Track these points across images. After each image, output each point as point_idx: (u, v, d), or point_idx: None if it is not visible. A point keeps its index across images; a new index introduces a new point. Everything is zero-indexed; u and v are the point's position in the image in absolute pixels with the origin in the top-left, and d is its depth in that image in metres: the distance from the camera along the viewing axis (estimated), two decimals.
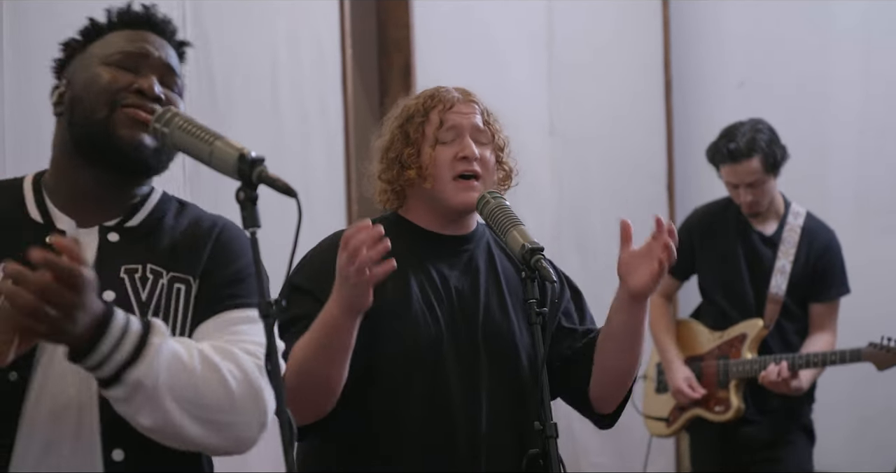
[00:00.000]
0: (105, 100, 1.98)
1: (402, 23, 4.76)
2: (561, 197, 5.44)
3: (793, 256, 4.48)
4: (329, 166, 4.34)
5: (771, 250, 4.51)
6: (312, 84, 4.28)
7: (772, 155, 4.42)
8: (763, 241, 4.54)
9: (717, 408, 4.52)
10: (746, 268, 4.51)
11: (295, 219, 1.82)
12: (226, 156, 1.86)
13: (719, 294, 4.58)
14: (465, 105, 2.64)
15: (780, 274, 4.47)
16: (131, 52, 2.02)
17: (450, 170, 2.59)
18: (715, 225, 4.59)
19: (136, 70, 2.01)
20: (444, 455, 2.53)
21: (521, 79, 5.26)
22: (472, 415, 2.54)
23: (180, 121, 1.92)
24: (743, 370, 4.46)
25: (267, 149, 1.93)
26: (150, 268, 2.01)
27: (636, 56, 5.84)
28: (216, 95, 3.88)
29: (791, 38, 5.81)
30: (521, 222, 2.47)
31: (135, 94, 1.99)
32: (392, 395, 2.54)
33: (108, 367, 1.83)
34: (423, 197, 2.63)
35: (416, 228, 2.64)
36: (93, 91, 1.99)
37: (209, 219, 2.12)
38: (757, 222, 4.54)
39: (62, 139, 2.03)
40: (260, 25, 4.08)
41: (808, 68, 5.75)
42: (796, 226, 4.52)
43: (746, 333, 4.50)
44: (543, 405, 2.37)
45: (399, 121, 2.65)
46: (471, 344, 2.57)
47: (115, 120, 1.98)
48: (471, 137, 2.61)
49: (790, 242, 4.50)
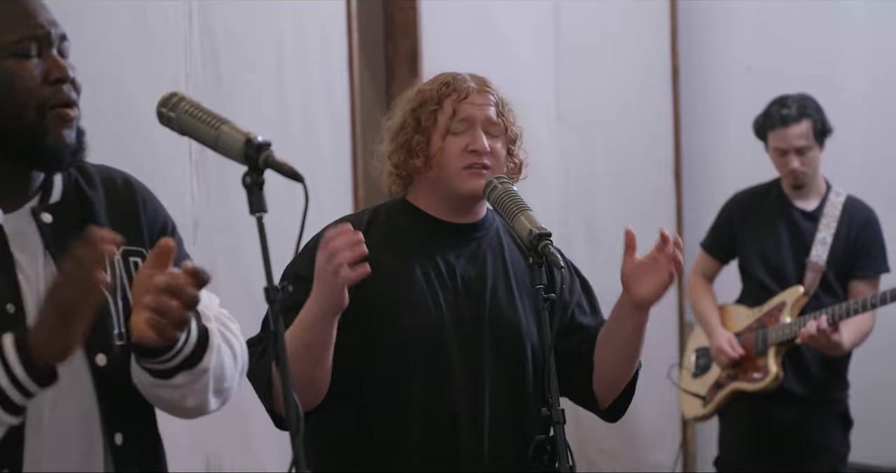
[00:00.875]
0: (33, 104, 1.92)
1: (408, 7, 4.74)
2: (567, 182, 5.42)
3: (834, 229, 4.54)
4: (335, 151, 4.33)
5: (812, 224, 4.57)
6: (318, 69, 4.27)
7: (820, 121, 4.54)
8: (804, 216, 4.60)
9: (756, 375, 4.53)
10: (788, 241, 4.57)
11: (300, 204, 1.81)
12: (232, 141, 1.85)
13: (760, 268, 4.62)
14: (480, 95, 2.60)
15: (820, 244, 4.53)
16: (31, 37, 1.93)
17: (459, 162, 2.57)
18: (756, 204, 4.66)
19: (39, 52, 1.94)
20: (445, 443, 2.52)
21: (528, 65, 5.25)
22: (474, 403, 2.53)
23: (186, 105, 1.91)
24: (782, 334, 4.48)
25: (272, 134, 1.92)
26: None
27: (643, 41, 5.82)
28: (221, 80, 3.87)
29: (798, 23, 5.79)
30: (529, 207, 2.45)
31: (52, 85, 1.93)
32: (392, 382, 2.53)
33: (178, 358, 1.90)
34: (430, 184, 2.61)
35: (424, 215, 2.63)
36: (15, 93, 1.91)
37: (116, 176, 2.09)
38: (798, 198, 4.60)
39: None
40: (266, 10, 4.07)
41: (815, 53, 5.73)
42: (837, 202, 4.59)
43: (785, 301, 4.53)
44: (551, 391, 2.36)
45: (412, 106, 2.62)
46: (474, 332, 2.56)
47: (44, 125, 1.92)
48: (483, 129, 2.58)
49: (831, 216, 4.56)
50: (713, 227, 4.80)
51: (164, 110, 1.93)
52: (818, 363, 4.50)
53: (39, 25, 1.95)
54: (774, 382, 4.48)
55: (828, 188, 4.63)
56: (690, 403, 4.79)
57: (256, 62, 4.04)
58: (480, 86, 2.62)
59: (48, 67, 1.94)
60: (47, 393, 1.85)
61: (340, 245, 2.30)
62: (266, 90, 4.08)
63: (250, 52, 4.02)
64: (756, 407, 4.55)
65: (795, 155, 4.52)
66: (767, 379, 4.49)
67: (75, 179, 2.03)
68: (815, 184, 4.61)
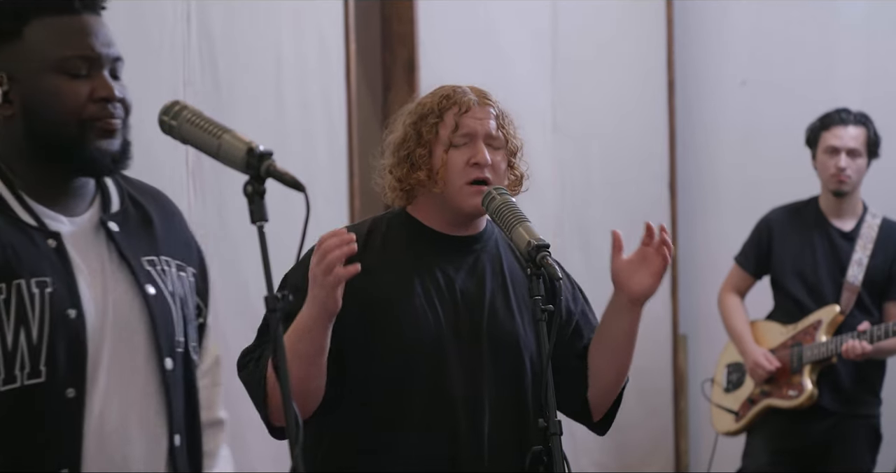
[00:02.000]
0: (74, 121, 1.96)
1: (405, 17, 4.75)
2: (563, 193, 5.43)
3: (870, 250, 4.56)
4: (332, 160, 4.33)
5: (849, 244, 4.60)
6: (316, 78, 4.28)
7: (875, 133, 4.61)
8: (841, 236, 4.62)
9: (791, 393, 4.53)
10: (825, 260, 4.59)
11: (297, 213, 1.82)
12: (234, 150, 1.86)
13: (796, 285, 4.63)
14: (481, 108, 2.60)
15: (856, 265, 4.55)
16: (81, 56, 1.97)
17: (461, 176, 2.57)
18: (794, 220, 4.68)
19: (89, 72, 1.97)
20: (445, 454, 2.52)
21: (525, 76, 5.26)
22: (474, 415, 2.53)
23: (189, 114, 1.92)
24: (818, 352, 4.49)
25: (270, 143, 1.93)
26: (163, 259, 2.04)
27: (639, 54, 5.84)
28: (220, 88, 3.88)
29: (794, 37, 5.80)
30: (527, 219, 2.45)
31: (97, 103, 1.96)
32: (391, 394, 2.53)
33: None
34: (432, 197, 2.61)
35: (424, 228, 2.63)
36: (57, 108, 1.95)
37: (155, 190, 2.15)
38: (834, 216, 4.63)
39: (14, 139, 1.98)
40: (264, 19, 4.08)
41: (811, 67, 5.74)
42: (874, 224, 4.62)
43: (822, 319, 4.54)
44: (548, 402, 2.36)
45: (413, 119, 2.62)
46: (473, 344, 2.56)
47: (87, 137, 1.96)
48: (484, 142, 2.59)
49: (868, 237, 4.59)
50: (748, 242, 4.78)
51: (166, 118, 1.94)
52: (851, 378, 4.51)
53: (91, 46, 1.98)
54: (809, 400, 4.49)
55: (864, 209, 4.66)
56: (722, 418, 4.79)
57: (254, 70, 4.05)
58: (481, 98, 2.62)
59: (95, 86, 1.97)
60: (113, 395, 1.92)
61: (332, 244, 2.33)
62: (263, 98, 4.09)
63: (248, 60, 4.02)
64: (788, 424, 4.56)
65: (846, 156, 4.54)
66: (803, 396, 4.50)
67: (126, 190, 2.08)
68: (854, 201, 4.63)
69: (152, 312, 1.98)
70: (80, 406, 1.90)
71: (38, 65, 1.96)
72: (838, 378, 4.51)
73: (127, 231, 2.02)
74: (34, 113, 1.96)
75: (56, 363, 1.90)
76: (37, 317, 1.90)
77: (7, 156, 1.99)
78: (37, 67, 1.96)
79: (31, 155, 1.98)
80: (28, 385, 1.88)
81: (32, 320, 1.90)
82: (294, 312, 2.40)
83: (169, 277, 2.03)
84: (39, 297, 1.91)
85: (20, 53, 1.97)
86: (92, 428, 1.92)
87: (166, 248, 2.06)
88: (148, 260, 2.02)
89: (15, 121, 1.97)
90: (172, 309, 2.02)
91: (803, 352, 4.52)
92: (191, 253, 2.12)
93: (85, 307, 1.94)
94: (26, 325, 1.89)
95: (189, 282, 2.08)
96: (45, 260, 1.93)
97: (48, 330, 1.90)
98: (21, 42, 1.97)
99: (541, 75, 5.37)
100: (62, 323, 1.91)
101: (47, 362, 1.89)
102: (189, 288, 2.08)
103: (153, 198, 2.12)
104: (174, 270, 2.05)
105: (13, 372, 1.88)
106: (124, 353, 1.96)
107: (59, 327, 1.91)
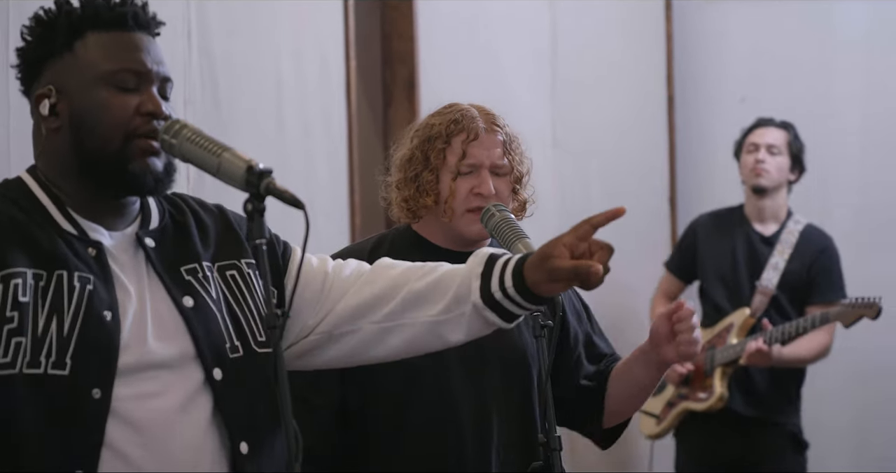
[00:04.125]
0: (120, 134, 1.97)
1: (406, 35, 4.77)
2: (563, 208, 5.44)
3: (788, 255, 4.64)
4: (332, 178, 4.35)
5: (768, 248, 4.68)
6: (316, 95, 4.29)
7: (796, 139, 4.71)
8: (762, 240, 4.70)
9: (702, 395, 4.59)
10: (744, 264, 4.66)
11: (297, 230, 1.83)
12: (234, 168, 1.88)
13: (717, 288, 4.72)
14: (489, 137, 2.62)
15: (772, 269, 4.62)
16: (131, 70, 1.99)
17: (464, 203, 2.60)
18: (718, 225, 4.78)
19: (137, 87, 1.99)
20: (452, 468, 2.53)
21: (524, 92, 5.27)
22: (480, 428, 2.54)
23: (188, 132, 1.94)
24: (727, 354, 4.55)
25: (270, 161, 1.94)
26: (205, 265, 2.04)
27: (639, 71, 5.86)
28: (220, 106, 3.89)
29: (793, 54, 5.83)
30: (527, 235, 2.47)
31: (143, 117, 1.98)
32: (396, 409, 2.54)
33: None
34: (438, 219, 2.64)
35: (429, 245, 2.65)
36: (106, 121, 1.97)
37: (208, 203, 2.16)
38: (757, 220, 4.72)
39: (60, 152, 2.00)
40: (264, 37, 4.09)
41: (810, 84, 5.76)
42: (795, 230, 4.70)
43: (733, 322, 4.60)
44: (548, 417, 2.38)
45: (420, 139, 2.64)
46: (480, 359, 2.58)
47: (128, 152, 1.97)
48: (489, 170, 2.60)
49: (787, 242, 4.66)
50: (676, 247, 4.93)
51: (166, 137, 1.95)
52: (765, 383, 4.55)
53: (141, 60, 2.00)
54: (720, 402, 4.54)
55: (788, 216, 4.73)
56: (647, 421, 4.86)
57: (254, 88, 4.06)
58: (489, 125, 2.63)
59: (143, 100, 1.98)
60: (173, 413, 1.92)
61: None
62: (264, 116, 4.10)
63: (248, 79, 4.04)
64: (705, 428, 4.62)
65: (765, 151, 4.66)
66: (712, 398, 4.56)
67: (167, 209, 2.09)
68: (776, 205, 4.72)
69: (192, 325, 1.98)
70: (105, 409, 1.90)
71: (88, 78, 1.98)
72: (751, 382, 4.57)
73: (164, 246, 2.03)
74: (81, 125, 1.97)
75: (83, 359, 1.89)
76: (72, 310, 1.91)
77: (51, 169, 2.02)
78: (87, 80, 1.98)
79: (76, 168, 1.99)
80: (51, 374, 1.88)
81: (66, 311, 1.90)
82: None
83: (212, 283, 2.03)
84: (79, 292, 1.92)
85: (70, 67, 1.99)
86: (115, 434, 1.90)
87: (209, 253, 2.06)
88: (188, 268, 2.03)
89: (61, 133, 1.99)
90: (218, 316, 2.01)
91: (715, 355, 4.57)
92: (241, 247, 2.09)
93: (122, 313, 1.94)
94: (59, 315, 1.90)
95: (247, 275, 2.06)
96: (85, 264, 1.95)
97: (80, 325, 1.90)
98: (72, 55, 1.99)
99: (540, 91, 5.39)
100: (97, 322, 1.92)
101: (73, 356, 1.89)
102: (248, 281, 2.06)
103: (203, 207, 2.13)
104: (217, 274, 2.05)
105: (38, 357, 1.88)
106: (164, 367, 1.95)
107: (93, 325, 1.91)
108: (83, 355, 1.90)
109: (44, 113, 1.99)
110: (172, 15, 3.65)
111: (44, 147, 2.02)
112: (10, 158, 3.11)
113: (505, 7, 5.19)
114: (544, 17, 5.42)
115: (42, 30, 2.00)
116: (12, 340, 1.88)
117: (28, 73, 2.02)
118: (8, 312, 1.88)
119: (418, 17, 4.80)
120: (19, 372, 1.87)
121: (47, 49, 2.00)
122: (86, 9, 2.00)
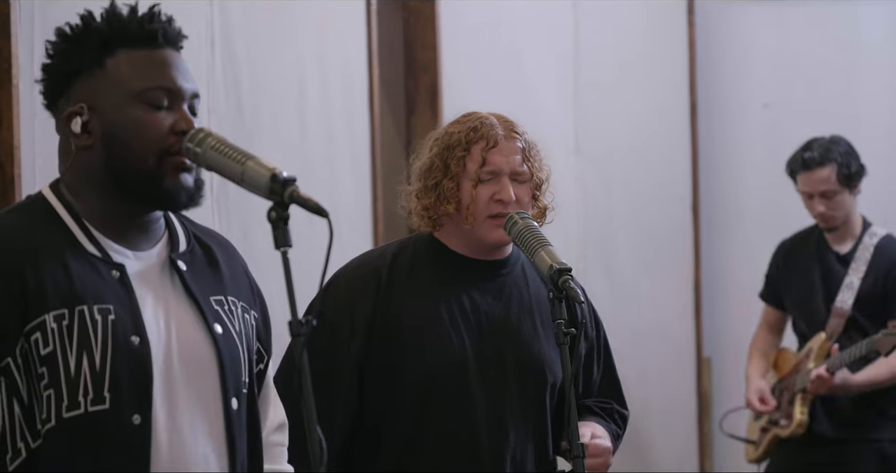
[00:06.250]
0: (155, 152, 1.97)
1: (428, 44, 4.77)
2: (586, 215, 5.44)
3: (862, 273, 4.51)
4: (355, 186, 4.35)
5: (843, 268, 4.55)
6: (340, 103, 4.30)
7: (846, 166, 4.47)
8: (838, 259, 4.58)
9: (783, 423, 4.54)
10: (821, 286, 4.56)
11: (321, 238, 1.83)
12: (258, 176, 1.88)
13: (798, 314, 4.65)
14: (508, 144, 2.62)
15: (847, 289, 4.51)
16: (163, 88, 1.98)
17: (485, 210, 2.60)
18: (798, 249, 4.67)
19: (170, 105, 1.99)
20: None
21: (547, 98, 5.27)
22: (498, 438, 2.54)
23: (213, 141, 1.94)
24: (802, 381, 4.48)
25: (294, 169, 1.94)
26: (230, 299, 2.06)
27: (662, 76, 5.85)
28: (244, 114, 3.91)
29: (816, 59, 5.81)
30: (549, 242, 2.47)
31: (177, 136, 1.98)
32: (415, 417, 2.55)
33: None
34: (459, 226, 2.64)
35: (451, 252, 2.65)
36: (140, 139, 1.96)
37: (223, 239, 2.17)
38: (834, 241, 4.59)
39: (90, 169, 1.99)
40: (288, 46, 4.10)
41: (834, 89, 5.74)
42: (870, 244, 4.55)
43: (812, 347, 4.53)
44: (570, 424, 2.38)
45: (440, 148, 2.64)
46: (498, 368, 2.58)
47: (162, 170, 1.97)
48: (509, 178, 2.61)
49: (862, 259, 4.53)
50: (766, 275, 4.80)
51: (190, 146, 1.96)
52: (849, 401, 4.47)
53: (173, 78, 1.99)
54: (799, 429, 4.47)
55: (864, 229, 4.58)
56: (749, 447, 4.83)
57: (278, 97, 4.08)
58: (508, 132, 2.63)
59: (176, 119, 1.98)
60: (181, 427, 1.93)
61: None
62: (287, 124, 4.11)
63: (272, 88, 4.05)
64: (792, 452, 4.56)
65: (820, 198, 4.48)
66: (793, 425, 4.50)
67: (192, 232, 2.10)
68: (849, 226, 4.55)
69: (220, 351, 2.00)
70: (147, 433, 1.91)
71: (121, 95, 1.97)
72: (836, 403, 4.48)
73: (195, 270, 2.03)
74: (115, 143, 1.96)
75: (120, 389, 1.90)
76: (99, 344, 1.91)
77: (78, 185, 2.00)
78: (119, 98, 1.96)
79: (106, 186, 1.98)
80: (92, 411, 1.89)
81: (95, 346, 1.90)
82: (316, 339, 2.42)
83: (236, 317, 2.05)
84: (102, 324, 1.91)
85: (102, 84, 1.97)
86: (161, 457, 1.92)
87: (232, 289, 2.07)
88: (216, 299, 2.04)
89: (92, 151, 1.98)
90: (239, 349, 2.03)
91: (796, 381, 4.53)
92: (254, 298, 2.13)
93: (150, 335, 1.95)
94: (89, 351, 1.90)
95: (252, 325, 2.09)
96: (108, 289, 1.94)
97: (111, 356, 1.90)
98: (103, 73, 1.98)
99: (563, 98, 5.39)
100: (126, 349, 1.92)
101: (111, 388, 1.90)
102: (252, 332, 2.09)
103: (217, 241, 2.14)
104: (240, 312, 2.06)
105: (76, 398, 1.88)
106: (192, 389, 1.97)
107: (123, 353, 1.91)
108: (118, 385, 1.91)
109: (75, 130, 1.97)
110: (196, 23, 3.67)
111: (72, 163, 2.00)
112: (35, 173, 3.13)
113: (527, 14, 5.20)
114: (567, 26, 5.43)
115: (68, 45, 1.99)
116: (43, 394, 1.89)
117: (54, 89, 2.01)
118: (38, 369, 1.89)
119: (441, 26, 4.81)
120: (56, 423, 1.88)
121: (76, 65, 1.98)
122: (114, 25, 1.99)
